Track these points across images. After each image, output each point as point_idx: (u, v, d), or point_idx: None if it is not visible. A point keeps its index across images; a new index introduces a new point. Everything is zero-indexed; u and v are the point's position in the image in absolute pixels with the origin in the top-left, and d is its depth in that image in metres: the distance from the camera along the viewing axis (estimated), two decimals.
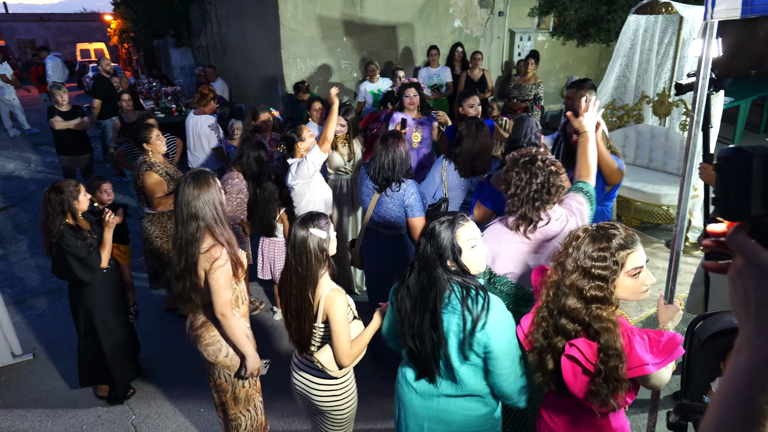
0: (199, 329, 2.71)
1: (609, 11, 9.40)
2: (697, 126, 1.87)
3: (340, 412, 2.50)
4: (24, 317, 4.97)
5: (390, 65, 8.41)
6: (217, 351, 2.70)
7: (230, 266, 2.55)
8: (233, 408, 2.87)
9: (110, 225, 3.52)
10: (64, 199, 3.24)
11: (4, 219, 7.55)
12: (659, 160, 6.21)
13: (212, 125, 5.93)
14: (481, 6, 9.30)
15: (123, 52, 27.22)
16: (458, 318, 1.93)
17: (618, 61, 6.36)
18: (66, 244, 3.25)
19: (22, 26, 38.44)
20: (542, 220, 2.42)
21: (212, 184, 2.55)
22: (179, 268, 2.54)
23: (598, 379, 1.72)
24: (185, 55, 15.23)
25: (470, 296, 1.93)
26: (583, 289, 1.75)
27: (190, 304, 2.62)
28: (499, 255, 2.52)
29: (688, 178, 1.96)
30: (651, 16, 6.11)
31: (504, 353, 1.92)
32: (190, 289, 2.56)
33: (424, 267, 1.98)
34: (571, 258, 1.79)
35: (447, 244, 1.93)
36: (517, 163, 2.43)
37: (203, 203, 2.50)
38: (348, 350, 2.29)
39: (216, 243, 2.52)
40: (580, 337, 1.79)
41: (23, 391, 3.97)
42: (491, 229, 2.60)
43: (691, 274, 3.96)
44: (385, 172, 3.39)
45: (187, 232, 2.50)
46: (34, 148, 11.70)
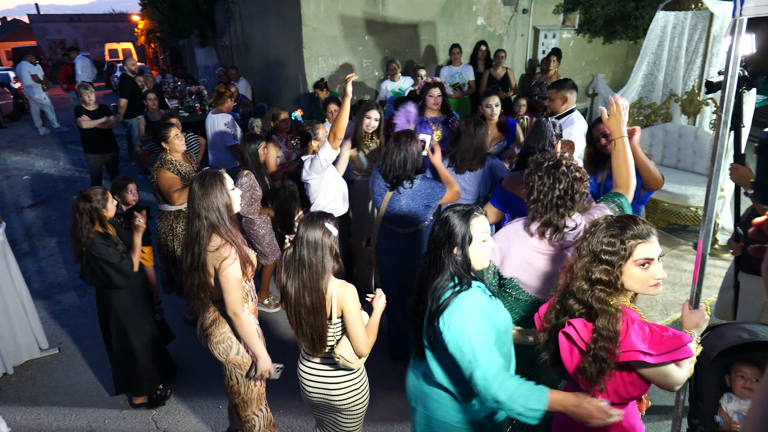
0: (209, 328, 2.74)
1: (637, 7, 9.21)
2: (724, 126, 1.80)
3: (359, 405, 2.53)
4: (51, 312, 5.06)
5: (412, 64, 8.36)
6: (227, 349, 2.73)
7: (239, 264, 2.58)
8: (246, 410, 2.89)
9: (140, 229, 3.53)
10: (93, 207, 3.24)
11: (33, 216, 7.71)
12: (688, 160, 6.07)
13: (228, 123, 5.99)
14: (505, 3, 9.19)
15: (150, 52, 27.64)
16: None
17: (645, 58, 6.23)
18: (98, 252, 3.25)
19: (53, 27, 39.32)
20: (567, 227, 2.34)
21: (219, 186, 2.58)
22: (186, 264, 2.64)
23: (587, 357, 1.79)
24: (210, 55, 15.38)
25: (452, 287, 2.00)
26: (591, 272, 1.80)
27: (197, 301, 2.68)
28: (508, 257, 2.47)
29: (715, 180, 1.88)
30: (680, 12, 5.96)
31: (457, 351, 1.93)
32: (198, 287, 2.62)
33: (432, 248, 2.08)
34: (587, 242, 1.85)
35: (459, 231, 2.00)
36: (541, 167, 2.34)
37: (208, 204, 2.55)
38: (365, 339, 2.36)
39: (225, 242, 2.56)
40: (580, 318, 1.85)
41: (48, 385, 4.04)
42: (505, 231, 2.55)
43: (720, 278, 3.84)
44: (397, 170, 3.42)
45: (192, 230, 2.58)
46: (63, 146, 11.93)
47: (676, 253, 5.44)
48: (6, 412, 3.71)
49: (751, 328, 2.25)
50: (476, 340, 1.90)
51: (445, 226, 2.03)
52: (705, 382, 2.29)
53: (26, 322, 4.23)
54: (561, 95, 4.24)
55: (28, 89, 12.46)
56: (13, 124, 14.91)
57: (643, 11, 9.06)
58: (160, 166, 4.24)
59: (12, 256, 4.16)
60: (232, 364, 2.77)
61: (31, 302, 4.31)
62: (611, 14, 9.50)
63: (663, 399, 3.56)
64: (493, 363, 1.87)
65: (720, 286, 3.68)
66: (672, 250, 5.51)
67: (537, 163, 2.37)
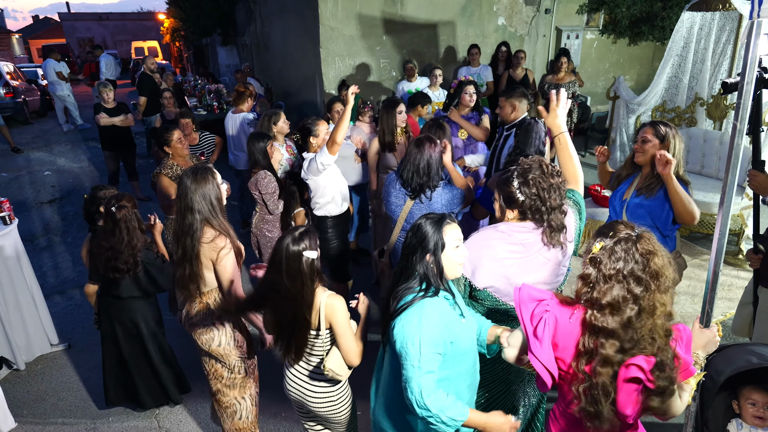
0: (194, 318, 2.80)
1: (664, 8, 8.98)
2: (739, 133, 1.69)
3: (339, 415, 2.51)
4: (63, 307, 5.10)
5: (431, 65, 8.27)
6: (210, 340, 2.81)
7: (234, 254, 2.70)
8: (228, 394, 2.94)
9: (159, 229, 3.50)
10: (134, 213, 3.13)
11: (52, 211, 7.81)
12: (712, 166, 5.87)
13: (250, 122, 5.98)
14: (527, 3, 9.04)
15: (174, 50, 27.99)
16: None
17: (670, 60, 6.05)
18: (146, 258, 3.19)
19: (82, 25, 40.12)
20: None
21: (210, 180, 2.68)
22: (177, 256, 2.69)
23: (655, 392, 1.64)
24: (231, 54, 15.51)
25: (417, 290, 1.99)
26: (634, 299, 1.67)
27: (185, 291, 2.75)
28: (479, 267, 2.35)
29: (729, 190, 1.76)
30: (707, 12, 5.78)
31: (402, 351, 1.91)
32: (190, 278, 2.68)
33: (405, 255, 2.05)
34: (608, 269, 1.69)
35: (431, 238, 1.97)
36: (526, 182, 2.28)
37: (200, 197, 2.63)
38: (356, 349, 2.33)
39: (218, 233, 2.66)
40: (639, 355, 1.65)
41: (57, 381, 4.06)
42: (474, 241, 2.40)
43: (742, 290, 3.68)
44: (420, 177, 3.21)
45: (184, 223, 2.64)
46: (86, 142, 12.10)
47: (697, 263, 5.26)
48: (14, 406, 3.72)
49: (760, 351, 2.11)
50: (426, 347, 1.88)
51: (418, 233, 2.00)
52: (712, 407, 2.16)
53: (37, 317, 4.25)
54: (510, 103, 4.05)
55: (53, 86, 12.67)
56: (39, 120, 15.20)
57: (670, 11, 8.84)
58: (160, 171, 4.17)
59: (24, 253, 4.18)
60: (215, 354, 2.86)
61: (41, 298, 4.33)
62: (637, 14, 9.29)
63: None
64: (432, 375, 1.88)
65: (740, 300, 3.52)
66: (693, 260, 5.33)
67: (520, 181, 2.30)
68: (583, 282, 1.74)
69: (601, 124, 9.42)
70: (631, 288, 1.62)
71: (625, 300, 1.62)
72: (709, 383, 2.11)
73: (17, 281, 4.07)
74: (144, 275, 3.20)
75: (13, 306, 4.04)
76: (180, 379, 3.68)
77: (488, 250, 2.33)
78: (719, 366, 2.13)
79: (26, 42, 41.75)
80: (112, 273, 3.12)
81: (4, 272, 3.96)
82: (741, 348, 2.20)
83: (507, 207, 2.34)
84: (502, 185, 2.35)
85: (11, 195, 8.30)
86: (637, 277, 1.62)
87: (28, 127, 14.09)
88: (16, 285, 4.06)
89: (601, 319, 1.65)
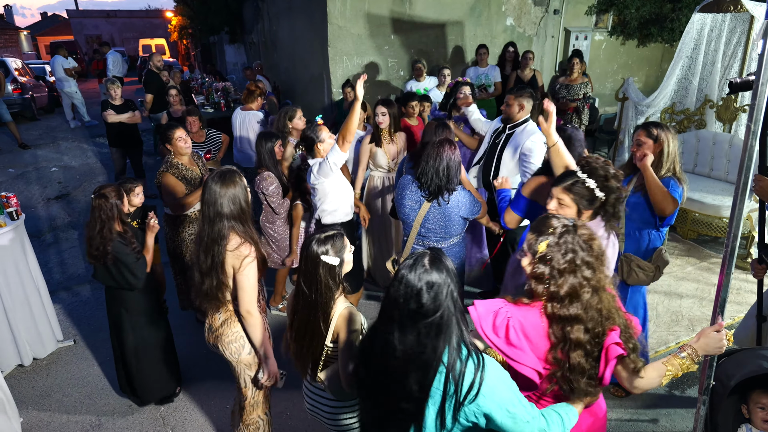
0: (220, 328, 2.68)
1: (674, 9, 8.93)
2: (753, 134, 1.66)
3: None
4: (69, 303, 5.10)
5: (439, 65, 8.25)
6: (240, 348, 2.68)
7: (257, 263, 2.56)
8: (252, 413, 2.83)
9: (153, 229, 3.47)
10: (113, 204, 3.17)
11: (58, 208, 7.82)
12: (722, 168, 5.83)
13: (261, 121, 5.98)
14: (536, 4, 9.00)
15: (182, 48, 28.04)
16: (441, 380, 1.63)
17: (680, 62, 6.01)
18: (116, 251, 3.18)
19: (90, 22, 40.24)
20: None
21: (238, 183, 2.56)
22: (205, 266, 2.54)
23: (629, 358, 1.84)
24: (238, 52, 15.52)
25: (466, 357, 1.63)
26: (590, 280, 1.85)
27: (215, 301, 2.61)
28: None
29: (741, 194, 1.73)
30: (718, 14, 5.73)
31: (508, 420, 1.63)
32: (217, 288, 2.55)
33: (428, 312, 1.60)
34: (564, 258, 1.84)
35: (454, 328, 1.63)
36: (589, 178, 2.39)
37: (229, 201, 2.51)
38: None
39: (243, 241, 2.52)
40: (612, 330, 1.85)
41: (62, 377, 4.06)
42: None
43: (750, 294, 3.65)
44: (439, 179, 3.15)
45: (213, 231, 2.50)
46: (92, 139, 12.13)
47: (705, 266, 5.22)
48: (19, 402, 3.72)
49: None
50: (521, 399, 1.67)
51: (431, 290, 1.60)
52: (722, 412, 2.12)
53: (43, 313, 4.25)
54: (519, 102, 4.05)
55: (60, 82, 12.71)
56: (47, 117, 15.24)
57: (680, 13, 8.78)
58: (165, 170, 4.13)
59: (31, 248, 4.19)
60: (243, 365, 2.72)
61: (47, 294, 4.33)
62: (646, 16, 9.23)
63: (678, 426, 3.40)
64: (536, 412, 1.72)
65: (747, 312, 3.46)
66: (701, 263, 5.29)
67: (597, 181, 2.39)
68: (537, 281, 1.86)
69: (609, 125, 9.35)
70: (584, 274, 1.80)
71: (581, 286, 1.79)
72: (719, 387, 2.08)
73: (24, 277, 4.06)
74: (113, 266, 3.22)
75: (18, 302, 4.04)
76: (162, 379, 3.65)
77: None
78: (729, 370, 2.10)
79: (34, 39, 41.95)
80: (88, 258, 3.23)
81: (11, 268, 3.96)
82: (752, 352, 2.17)
83: (587, 208, 2.40)
84: (577, 188, 2.38)
85: (18, 191, 8.33)
86: (586, 262, 1.80)
87: (36, 124, 14.13)
88: (23, 281, 4.06)
89: (564, 309, 1.79)
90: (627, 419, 3.41)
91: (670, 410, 3.49)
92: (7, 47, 31.65)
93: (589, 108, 7.08)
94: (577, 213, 2.38)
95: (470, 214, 3.30)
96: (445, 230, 3.29)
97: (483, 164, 4.36)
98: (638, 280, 3.27)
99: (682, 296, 4.71)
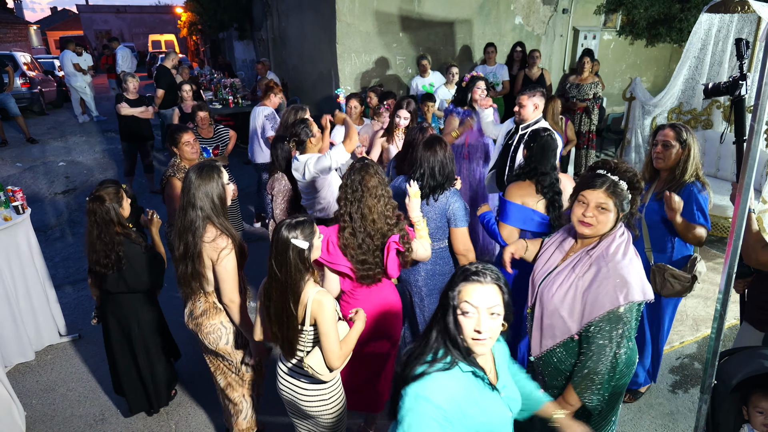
0: (200, 317, 2.77)
1: (682, 9, 8.88)
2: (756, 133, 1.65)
3: (329, 415, 2.47)
4: (74, 298, 5.13)
5: (447, 63, 8.24)
6: (218, 339, 2.78)
7: (235, 254, 2.64)
8: (236, 390, 2.95)
9: (156, 224, 3.33)
10: (109, 208, 2.99)
11: (65, 202, 7.87)
12: (728, 169, 5.80)
13: (269, 116, 6.02)
14: (544, 3, 8.98)
15: (191, 44, 28.09)
16: None
17: (687, 62, 5.97)
18: (129, 254, 3.05)
19: (99, 17, 40.45)
20: None
21: (215, 178, 2.63)
22: (179, 252, 2.65)
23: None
24: (247, 48, 15.54)
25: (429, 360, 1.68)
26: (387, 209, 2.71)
27: (186, 288, 2.71)
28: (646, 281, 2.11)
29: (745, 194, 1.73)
30: (725, 15, 5.69)
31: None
32: (192, 275, 2.63)
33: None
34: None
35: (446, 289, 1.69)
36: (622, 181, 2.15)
37: (203, 194, 2.59)
38: (338, 351, 2.27)
39: (220, 233, 2.61)
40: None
41: (66, 371, 4.08)
42: (630, 252, 2.13)
43: None
44: (436, 178, 3.10)
45: (186, 219, 2.59)
46: (100, 134, 12.16)
47: (711, 266, 5.20)
48: (23, 396, 3.75)
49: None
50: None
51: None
52: (723, 411, 2.12)
53: (47, 307, 4.29)
54: (533, 102, 3.96)
55: (69, 77, 12.76)
56: (55, 112, 15.31)
57: (688, 13, 8.74)
58: (172, 174, 4.00)
59: (36, 243, 4.22)
60: (222, 352, 2.83)
61: (52, 288, 4.37)
62: (655, 16, 9.20)
63: (680, 426, 3.39)
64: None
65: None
66: (707, 263, 5.27)
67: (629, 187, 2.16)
68: (337, 208, 2.74)
69: (616, 125, 9.32)
70: (360, 202, 2.62)
71: (359, 209, 2.63)
72: (721, 387, 2.07)
73: (28, 271, 4.09)
74: (129, 270, 3.07)
75: (23, 295, 4.07)
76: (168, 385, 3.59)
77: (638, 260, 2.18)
78: (731, 369, 2.09)
79: (44, 33, 42.13)
80: (96, 266, 3.05)
81: (15, 262, 3.99)
82: (754, 351, 2.17)
83: (622, 211, 2.14)
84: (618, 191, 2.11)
85: (25, 185, 8.39)
86: (354, 189, 2.62)
87: (44, 118, 14.19)
88: (28, 274, 4.09)
89: (343, 223, 2.66)
90: (629, 418, 3.42)
91: (671, 409, 3.49)
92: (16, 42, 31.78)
93: (598, 108, 7.07)
94: (615, 219, 2.15)
95: (454, 217, 3.14)
96: (433, 230, 3.16)
97: (496, 167, 4.29)
98: (673, 291, 2.98)
99: (687, 296, 4.69)
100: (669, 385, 3.71)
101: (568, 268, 2.21)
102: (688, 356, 4.02)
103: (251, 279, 3.22)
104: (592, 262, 2.13)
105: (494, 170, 4.35)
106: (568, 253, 2.30)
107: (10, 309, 3.92)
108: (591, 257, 2.14)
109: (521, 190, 3.10)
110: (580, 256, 2.19)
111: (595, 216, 2.12)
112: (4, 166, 9.63)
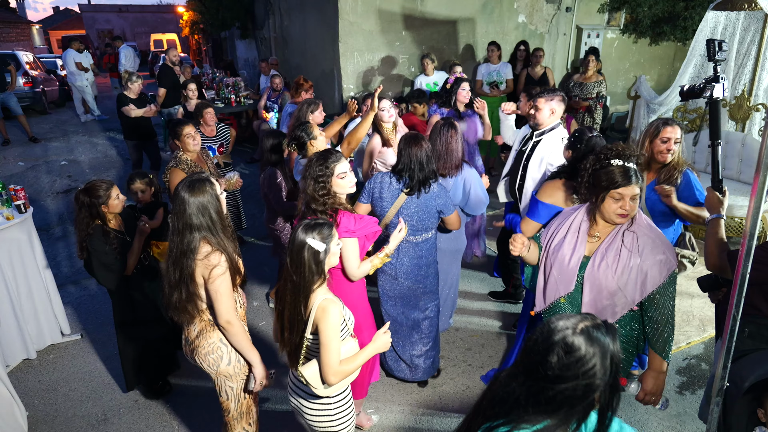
0: (196, 340, 2.52)
1: (687, 7, 8.83)
2: None
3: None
4: (77, 297, 5.12)
5: (450, 61, 8.21)
6: (218, 360, 2.51)
7: (229, 274, 2.41)
8: (236, 427, 2.70)
9: (143, 232, 3.37)
10: (91, 202, 3.15)
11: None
12: (734, 168, 5.76)
13: (290, 113, 6.01)
14: (548, 1, 8.94)
15: (193, 43, 28.05)
16: None
17: (693, 60, 5.94)
18: (93, 247, 3.18)
19: (102, 17, 40.44)
20: None
21: (208, 191, 2.38)
22: (174, 278, 2.40)
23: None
24: (249, 47, 15.52)
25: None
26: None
27: (185, 314, 2.46)
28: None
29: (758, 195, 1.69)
30: (732, 12, 5.66)
31: None
32: (187, 300, 2.40)
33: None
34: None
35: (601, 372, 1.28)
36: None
37: (198, 211, 2.34)
38: (335, 367, 2.10)
39: (214, 249, 2.37)
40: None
41: (68, 371, 4.07)
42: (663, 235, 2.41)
43: None
44: (425, 172, 3.21)
45: (183, 243, 2.34)
46: (103, 133, 12.16)
47: None
48: (25, 395, 3.73)
49: None
50: None
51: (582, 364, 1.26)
52: (735, 413, 2.08)
53: (49, 307, 4.27)
54: (549, 106, 3.70)
55: (71, 76, 12.74)
56: (58, 111, 15.31)
57: (692, 11, 8.68)
58: (174, 165, 4.08)
59: (38, 242, 4.20)
60: (223, 377, 2.57)
61: (54, 287, 4.35)
62: (659, 14, 9.14)
63: (688, 428, 3.36)
64: None
65: None
66: None
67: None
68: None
69: (620, 124, 9.29)
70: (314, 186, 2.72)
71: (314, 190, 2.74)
72: (733, 389, 2.04)
73: (31, 270, 4.08)
74: (89, 263, 3.26)
75: (25, 295, 4.06)
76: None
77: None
78: (743, 372, 2.06)
79: (46, 33, 42.14)
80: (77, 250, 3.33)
81: (17, 261, 3.97)
82: (765, 353, 2.13)
83: None
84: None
85: (28, 184, 8.38)
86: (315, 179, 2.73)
87: (46, 117, 14.19)
88: (30, 274, 4.08)
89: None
90: (636, 420, 3.38)
91: (680, 411, 3.46)
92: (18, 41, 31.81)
93: (602, 107, 7.03)
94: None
95: (446, 209, 3.33)
96: (421, 222, 3.31)
97: (509, 174, 4.12)
98: (686, 271, 3.27)
99: (693, 296, 4.66)
100: (676, 387, 3.68)
101: (614, 247, 2.34)
102: (695, 357, 3.98)
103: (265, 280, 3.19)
104: (638, 235, 2.33)
105: (507, 177, 4.18)
106: (591, 233, 2.43)
107: (12, 308, 3.90)
108: (634, 232, 2.35)
109: (556, 191, 3.09)
110: (621, 233, 2.36)
111: (632, 206, 2.30)
112: (7, 165, 9.62)
